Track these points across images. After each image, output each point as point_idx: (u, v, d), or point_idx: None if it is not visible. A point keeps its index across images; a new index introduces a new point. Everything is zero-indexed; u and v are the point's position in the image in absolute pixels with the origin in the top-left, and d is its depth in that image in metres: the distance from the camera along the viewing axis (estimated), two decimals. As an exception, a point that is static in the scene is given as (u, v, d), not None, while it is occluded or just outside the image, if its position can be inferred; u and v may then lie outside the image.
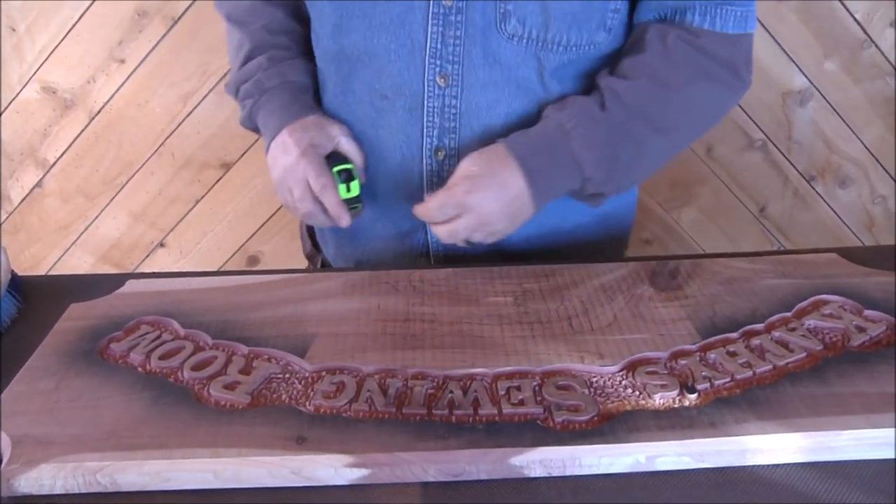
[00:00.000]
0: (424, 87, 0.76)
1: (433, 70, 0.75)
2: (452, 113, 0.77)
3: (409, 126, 0.78)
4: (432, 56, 0.74)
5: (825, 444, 0.51)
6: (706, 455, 0.51)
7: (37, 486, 0.50)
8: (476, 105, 0.77)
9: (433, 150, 0.79)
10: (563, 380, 0.56)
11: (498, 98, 0.76)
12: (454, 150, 0.79)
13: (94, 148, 1.54)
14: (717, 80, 0.76)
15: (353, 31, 0.76)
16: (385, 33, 0.74)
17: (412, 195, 0.81)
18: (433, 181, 0.80)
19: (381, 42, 0.75)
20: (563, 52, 0.74)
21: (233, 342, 0.62)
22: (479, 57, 0.74)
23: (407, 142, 0.79)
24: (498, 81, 0.75)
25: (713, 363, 0.58)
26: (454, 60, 0.74)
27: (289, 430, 0.52)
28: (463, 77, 0.75)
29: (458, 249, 0.82)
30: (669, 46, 0.74)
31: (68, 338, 0.63)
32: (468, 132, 0.78)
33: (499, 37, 0.73)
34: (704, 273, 0.70)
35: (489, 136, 0.77)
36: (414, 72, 0.75)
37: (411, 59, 0.75)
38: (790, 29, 1.45)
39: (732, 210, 1.64)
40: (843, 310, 0.64)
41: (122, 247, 1.65)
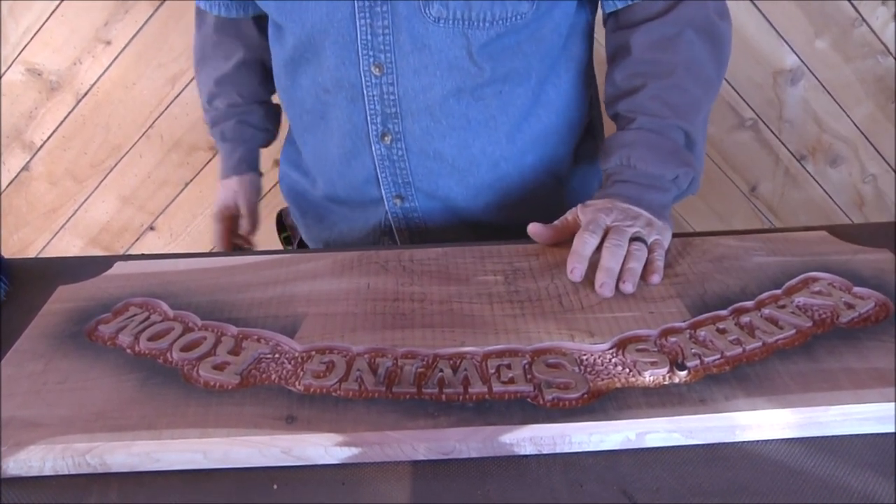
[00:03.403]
0: (361, 78, 0.78)
1: (367, 61, 0.77)
2: (392, 99, 0.79)
3: (353, 116, 0.81)
4: (364, 48, 0.76)
5: (814, 419, 0.51)
6: (696, 431, 0.51)
7: (25, 468, 0.50)
8: (412, 89, 0.78)
9: (379, 135, 0.81)
10: (553, 358, 0.56)
11: (431, 81, 0.78)
12: (399, 134, 0.81)
13: (81, 131, 1.53)
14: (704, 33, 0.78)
15: (291, 35, 0.79)
16: (318, 31, 0.77)
17: (369, 179, 0.86)
18: (385, 164, 0.84)
19: (316, 40, 0.78)
20: (489, 27, 0.75)
21: (222, 323, 0.61)
22: (408, 44, 0.76)
23: (354, 130, 0.82)
24: (429, 65, 0.77)
25: (703, 340, 0.58)
26: (385, 49, 0.76)
27: (278, 410, 0.52)
28: (396, 64, 0.77)
29: (417, 220, 0.88)
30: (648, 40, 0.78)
31: (56, 320, 0.62)
32: (409, 115, 0.80)
33: (424, 21, 0.74)
34: (694, 251, 0.70)
35: (430, 117, 0.80)
36: (350, 64, 0.78)
37: (345, 52, 0.77)
38: (781, 8, 1.44)
39: (723, 189, 1.64)
40: (832, 287, 0.64)
41: (111, 230, 1.65)
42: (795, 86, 1.53)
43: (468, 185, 0.85)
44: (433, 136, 0.81)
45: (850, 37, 1.48)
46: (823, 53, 1.50)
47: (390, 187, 0.85)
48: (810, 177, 1.64)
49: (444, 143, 0.81)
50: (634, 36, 0.79)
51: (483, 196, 0.86)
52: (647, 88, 0.77)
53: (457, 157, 0.83)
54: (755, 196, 1.65)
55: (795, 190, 1.66)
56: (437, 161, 0.83)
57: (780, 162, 1.62)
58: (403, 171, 0.84)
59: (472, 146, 0.82)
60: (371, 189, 0.86)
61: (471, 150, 0.82)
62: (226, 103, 1.00)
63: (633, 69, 0.79)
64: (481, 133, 0.82)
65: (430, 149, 0.82)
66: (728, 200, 1.65)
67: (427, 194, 0.86)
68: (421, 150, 0.82)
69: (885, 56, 1.51)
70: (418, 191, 0.85)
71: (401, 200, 0.86)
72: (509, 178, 0.86)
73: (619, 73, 0.80)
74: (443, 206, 0.87)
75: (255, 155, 1.05)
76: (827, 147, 1.60)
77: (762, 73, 1.51)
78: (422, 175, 0.84)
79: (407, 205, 0.86)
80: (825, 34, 1.48)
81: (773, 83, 1.52)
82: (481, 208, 0.87)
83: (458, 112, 0.80)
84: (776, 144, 1.60)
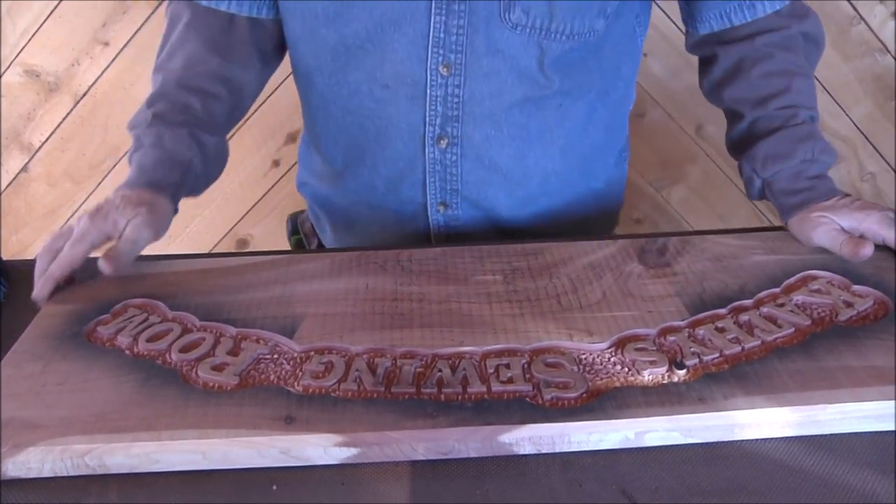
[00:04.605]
0: (427, 76, 0.76)
1: (436, 59, 0.75)
2: (455, 101, 0.77)
3: (411, 115, 0.78)
4: (435, 45, 0.74)
5: (813, 417, 0.51)
6: (695, 430, 0.51)
7: (24, 470, 0.50)
8: (479, 93, 0.77)
9: (436, 138, 0.79)
10: (552, 357, 0.56)
11: (500, 87, 0.77)
12: (457, 139, 0.79)
13: (79, 132, 1.52)
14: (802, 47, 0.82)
15: (355, 21, 0.75)
16: (389, 23, 0.74)
17: (414, 184, 0.83)
18: (436, 169, 0.81)
19: (385, 31, 0.74)
20: (565, 40, 0.75)
21: (221, 324, 0.61)
22: (482, 46, 0.74)
23: (409, 131, 0.79)
24: (500, 70, 0.76)
25: (702, 339, 0.58)
26: (457, 50, 0.74)
27: (277, 411, 0.52)
28: (466, 66, 0.75)
29: (457, 228, 0.86)
30: (761, 55, 0.80)
31: (55, 321, 0.62)
32: (471, 120, 0.78)
33: (502, 26, 0.73)
34: (693, 250, 0.70)
35: (492, 124, 0.78)
36: (416, 61, 0.75)
37: (414, 48, 0.75)
38: (779, 6, 1.44)
39: (722, 188, 1.64)
40: (831, 285, 0.64)
41: (110, 231, 1.64)
42: (794, 84, 1.53)
43: (516, 197, 0.84)
44: (491, 144, 0.80)
45: (848, 35, 1.48)
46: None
47: (437, 194, 0.83)
48: (809, 175, 1.64)
49: (502, 152, 0.81)
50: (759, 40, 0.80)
51: (528, 209, 0.86)
52: (794, 83, 0.79)
53: (511, 168, 0.82)
54: (754, 195, 1.65)
55: (794, 189, 1.66)
56: (490, 170, 0.82)
57: (778, 161, 1.62)
58: (453, 178, 0.82)
59: (528, 158, 0.82)
60: (416, 194, 0.84)
61: (525, 161, 0.82)
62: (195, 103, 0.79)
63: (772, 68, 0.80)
64: (537, 146, 0.81)
65: (486, 157, 0.81)
66: (728, 201, 1.65)
67: (472, 203, 0.84)
68: (476, 158, 0.81)
69: (883, 54, 1.51)
70: (464, 199, 0.84)
71: (444, 208, 0.84)
72: (555, 193, 0.86)
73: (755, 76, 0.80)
74: (486, 216, 0.86)
75: (187, 184, 0.78)
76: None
77: (761, 72, 1.51)
78: (471, 183, 0.82)
79: (450, 212, 0.85)
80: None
81: (771, 82, 1.52)
82: (524, 221, 0.86)
83: (519, 122, 0.79)
84: (775, 143, 1.59)
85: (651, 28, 1.44)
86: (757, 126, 0.79)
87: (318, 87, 0.82)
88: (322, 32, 0.77)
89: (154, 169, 0.74)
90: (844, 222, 0.70)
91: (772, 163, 0.77)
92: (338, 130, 0.84)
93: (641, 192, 1.62)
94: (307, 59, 0.81)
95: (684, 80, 1.50)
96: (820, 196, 0.73)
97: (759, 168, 0.78)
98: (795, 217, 0.73)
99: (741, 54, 0.81)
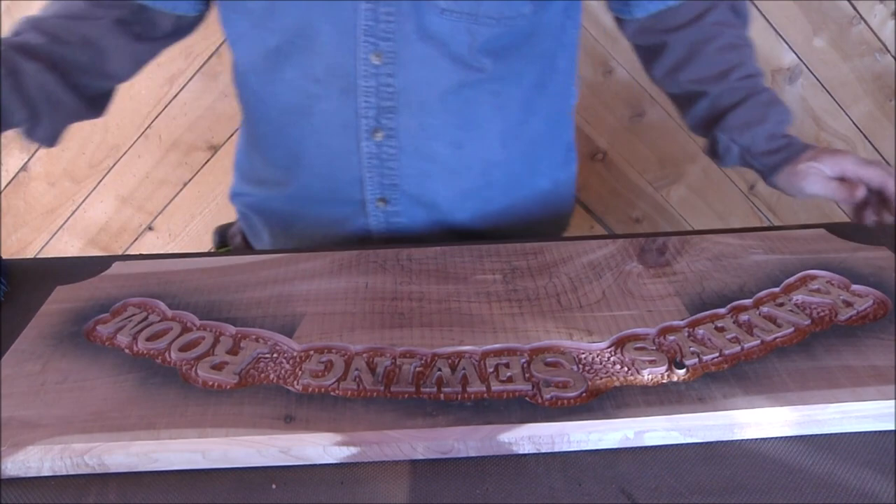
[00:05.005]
0: (358, 67, 0.75)
1: (367, 48, 0.74)
2: (389, 91, 0.76)
3: (344, 109, 0.78)
4: (365, 34, 0.74)
5: (812, 417, 0.51)
6: (695, 430, 0.51)
7: (24, 469, 0.50)
8: (413, 82, 0.76)
9: (371, 131, 0.78)
10: (551, 356, 0.56)
11: (434, 73, 0.76)
12: (393, 131, 0.78)
13: (79, 131, 1.52)
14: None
15: (285, 16, 0.74)
16: (317, 14, 0.73)
17: (352, 181, 0.82)
18: (373, 163, 0.80)
19: (314, 24, 0.74)
20: (494, 24, 0.75)
21: (220, 323, 0.61)
22: (412, 33, 0.74)
23: (343, 126, 0.79)
24: (433, 56, 0.75)
25: (701, 339, 0.58)
26: (388, 38, 0.74)
27: (277, 410, 0.52)
28: (397, 54, 0.75)
29: (399, 227, 0.85)
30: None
31: (54, 320, 0.62)
32: (406, 110, 0.78)
33: (432, 11, 0.73)
34: (693, 249, 0.70)
35: (428, 113, 0.78)
36: (347, 51, 0.75)
37: (344, 38, 0.74)
38: (779, 6, 1.45)
39: (722, 188, 1.64)
40: (830, 285, 0.64)
41: (110, 231, 1.64)
42: (794, 84, 1.53)
43: (457, 189, 0.84)
44: (428, 134, 0.79)
45: (848, 35, 1.48)
46: (821, 51, 1.50)
47: (375, 189, 0.82)
48: (809, 175, 1.64)
49: (440, 141, 0.80)
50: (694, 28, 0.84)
51: (470, 203, 0.85)
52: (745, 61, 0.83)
53: (450, 158, 0.81)
54: (754, 194, 1.65)
55: (794, 188, 1.66)
56: (428, 161, 0.81)
57: (778, 160, 1.62)
58: (392, 172, 0.81)
59: (466, 147, 0.81)
60: (353, 191, 0.83)
61: (464, 150, 0.81)
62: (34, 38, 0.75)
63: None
64: (475, 134, 0.81)
65: (424, 147, 0.80)
66: (727, 199, 1.65)
67: (412, 198, 0.83)
68: (414, 149, 0.80)
69: (882, 54, 1.51)
70: (404, 194, 0.83)
71: (384, 204, 0.83)
72: (497, 186, 0.85)
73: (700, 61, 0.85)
74: (427, 213, 0.85)
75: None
76: (825, 145, 1.60)
77: (760, 72, 1.51)
78: (410, 176, 0.82)
79: (391, 209, 0.84)
80: (823, 32, 1.48)
81: (771, 81, 1.52)
82: (467, 217, 0.86)
83: (456, 109, 0.79)
84: (775, 143, 1.59)
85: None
86: (722, 100, 0.84)
87: (254, 87, 0.82)
88: (255, 31, 0.77)
89: None
90: (829, 169, 0.76)
91: (748, 129, 0.82)
92: (275, 131, 0.84)
93: (641, 191, 1.62)
94: (244, 60, 0.82)
95: (684, 79, 1.49)
96: (799, 150, 0.80)
97: (737, 136, 0.83)
98: (782, 173, 0.80)
99: (693, 37, 0.84)
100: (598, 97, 1.50)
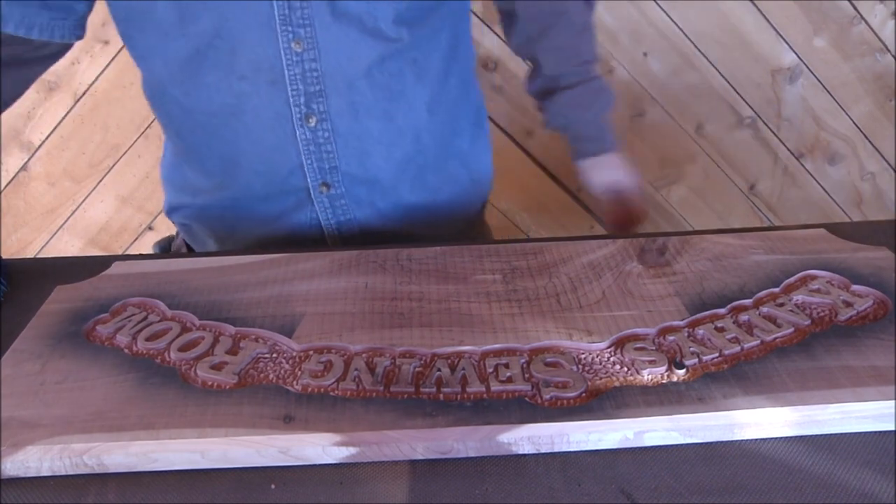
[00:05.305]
0: (283, 58, 0.76)
1: (286, 37, 0.75)
2: (314, 76, 0.77)
3: (274, 101, 0.78)
4: (282, 23, 0.74)
5: (812, 417, 0.51)
6: (694, 430, 0.51)
7: (23, 469, 0.50)
8: (336, 62, 0.77)
9: (303, 118, 0.79)
10: (551, 356, 0.56)
11: (355, 51, 0.77)
12: (325, 114, 0.79)
13: (79, 130, 1.53)
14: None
15: (200, 20, 0.74)
16: (232, 12, 0.73)
17: (293, 171, 0.83)
18: (310, 150, 0.81)
19: (230, 22, 0.74)
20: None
21: (220, 323, 0.61)
22: (326, 15, 0.74)
23: (276, 118, 0.79)
24: (350, 34, 0.76)
25: (701, 339, 0.58)
26: (304, 24, 0.74)
27: (276, 410, 0.52)
28: (316, 38, 0.75)
29: (346, 213, 0.86)
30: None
31: (54, 320, 0.62)
32: (334, 92, 0.78)
33: None
34: (693, 249, 0.70)
35: (355, 91, 0.79)
36: (268, 44, 0.75)
37: (263, 31, 0.74)
38: (779, 6, 1.45)
39: (722, 188, 1.64)
40: (830, 285, 0.64)
41: (110, 230, 1.64)
42: (794, 84, 1.53)
43: (393, 161, 0.85)
44: (359, 111, 0.80)
45: (848, 35, 1.48)
46: (822, 51, 1.50)
47: (316, 174, 0.83)
48: (809, 175, 1.64)
49: (370, 117, 0.81)
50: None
51: (407, 173, 0.86)
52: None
53: (382, 132, 0.82)
54: (754, 194, 1.65)
55: (794, 188, 1.66)
56: (363, 139, 0.82)
57: (778, 160, 1.62)
58: (330, 155, 0.82)
59: (396, 118, 0.82)
60: (295, 180, 0.83)
61: (395, 122, 0.82)
62: None
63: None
64: (403, 105, 0.82)
65: (357, 125, 0.81)
66: (727, 199, 1.65)
67: (353, 178, 0.84)
68: (347, 129, 0.81)
69: (883, 54, 1.51)
70: (345, 175, 0.83)
71: (327, 188, 0.84)
72: (428, 152, 0.87)
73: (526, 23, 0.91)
74: (369, 190, 0.86)
75: None
76: (826, 145, 1.60)
77: (760, 72, 1.51)
78: (348, 157, 0.82)
79: (334, 192, 0.84)
80: (823, 32, 1.48)
81: (771, 81, 1.52)
82: (407, 187, 0.87)
83: (380, 83, 0.79)
84: (775, 143, 1.60)
85: (650, 27, 1.45)
86: (559, 80, 0.92)
87: (176, 98, 0.81)
88: (166, 42, 0.77)
89: None
90: (618, 177, 0.92)
91: (572, 111, 0.92)
92: (206, 138, 0.83)
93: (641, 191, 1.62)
94: (158, 73, 0.80)
95: (684, 79, 1.50)
96: (610, 148, 0.93)
97: (563, 113, 0.93)
98: (587, 161, 0.94)
99: (542, 10, 0.90)
100: (599, 97, 1.50)
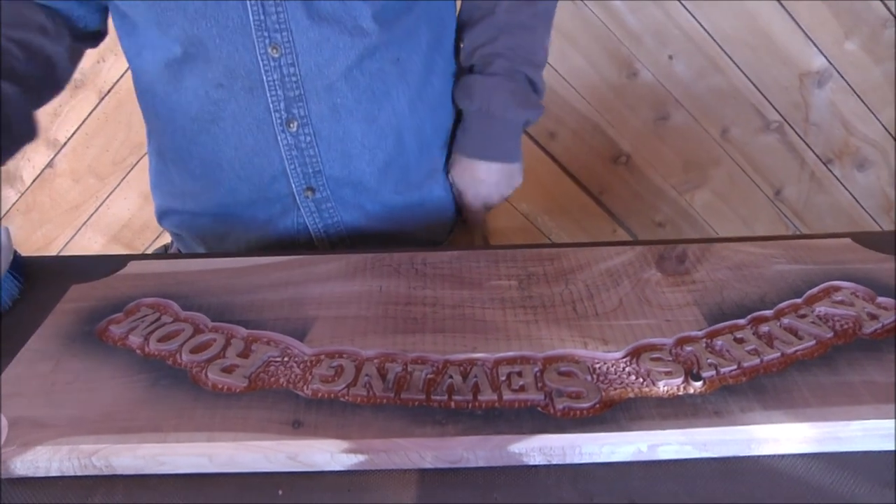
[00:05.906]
0: (260, 63, 0.75)
1: (263, 43, 0.74)
2: (293, 81, 0.76)
3: (254, 107, 0.78)
4: (258, 29, 0.73)
5: (833, 434, 0.50)
6: (710, 444, 0.50)
7: (32, 469, 0.50)
8: (315, 65, 0.76)
9: (285, 123, 0.78)
10: (565, 366, 0.55)
11: (333, 53, 0.76)
12: (306, 118, 0.79)
13: (104, 128, 1.54)
14: None
15: (174, 25, 0.74)
16: (204, 19, 0.73)
17: (276, 176, 0.82)
18: (293, 154, 0.80)
19: (204, 28, 0.73)
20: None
21: (232, 325, 0.61)
22: (303, 18, 0.74)
23: (256, 123, 0.78)
24: (328, 36, 0.75)
25: (719, 350, 0.57)
26: (280, 28, 0.74)
27: (285, 415, 0.51)
28: (294, 42, 0.75)
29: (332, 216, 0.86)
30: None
31: (68, 319, 0.62)
32: (314, 95, 0.78)
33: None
34: (713, 258, 0.69)
35: (336, 93, 0.78)
36: (244, 50, 0.74)
37: (238, 37, 0.74)
38: (809, 7, 1.42)
39: (747, 193, 1.62)
40: (855, 296, 0.62)
41: (133, 227, 1.66)
42: (823, 88, 1.50)
43: (376, 163, 0.84)
44: (340, 114, 0.79)
45: (880, 38, 1.45)
46: (852, 55, 1.47)
47: (300, 179, 0.82)
48: (837, 181, 1.61)
49: (352, 119, 0.80)
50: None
51: (391, 175, 0.85)
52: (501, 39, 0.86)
53: (365, 134, 0.81)
54: (780, 200, 1.63)
55: (821, 194, 1.63)
56: (345, 141, 0.81)
57: (805, 165, 1.59)
58: (313, 159, 0.81)
59: (379, 119, 0.81)
60: (280, 186, 0.82)
61: (377, 123, 0.81)
62: None
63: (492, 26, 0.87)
64: (385, 105, 0.81)
65: (339, 128, 0.80)
66: (752, 204, 1.63)
67: (338, 181, 0.83)
68: (330, 132, 0.80)
69: (915, 58, 1.47)
70: (329, 179, 0.83)
71: (312, 193, 0.83)
72: (411, 153, 0.86)
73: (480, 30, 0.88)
74: (354, 193, 0.85)
75: None
76: (854, 150, 1.57)
77: (788, 75, 1.49)
78: (332, 160, 0.82)
79: (319, 196, 0.84)
80: (855, 35, 1.45)
81: (799, 85, 1.50)
82: (391, 188, 0.86)
83: (361, 84, 0.79)
84: (802, 147, 1.57)
85: (676, 29, 1.43)
86: (467, 60, 0.90)
87: (161, 98, 0.81)
88: (150, 45, 0.77)
89: None
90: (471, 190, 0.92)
91: (461, 96, 0.89)
92: (188, 141, 0.82)
93: (664, 194, 1.60)
94: (146, 74, 0.81)
95: (709, 82, 1.48)
96: (468, 152, 0.90)
97: (457, 94, 0.90)
98: (455, 157, 0.91)
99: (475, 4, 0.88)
100: (622, 99, 1.48)
